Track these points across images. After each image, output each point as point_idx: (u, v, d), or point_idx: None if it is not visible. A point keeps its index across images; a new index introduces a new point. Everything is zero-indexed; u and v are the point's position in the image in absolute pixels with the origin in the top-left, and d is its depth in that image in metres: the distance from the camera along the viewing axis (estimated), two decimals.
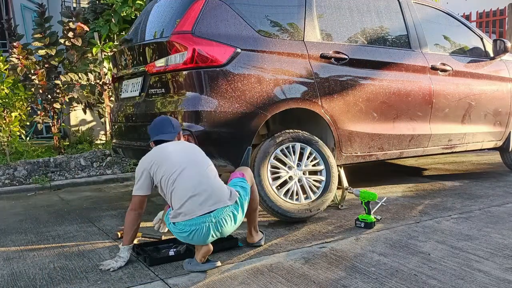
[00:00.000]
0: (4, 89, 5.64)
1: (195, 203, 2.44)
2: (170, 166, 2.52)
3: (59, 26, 6.47)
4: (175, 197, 2.48)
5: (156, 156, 2.61)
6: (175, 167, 2.51)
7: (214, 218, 2.45)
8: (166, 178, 2.51)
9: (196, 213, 2.44)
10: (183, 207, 2.45)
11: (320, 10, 3.68)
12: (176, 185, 2.48)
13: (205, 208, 2.44)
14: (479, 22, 9.69)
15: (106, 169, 5.71)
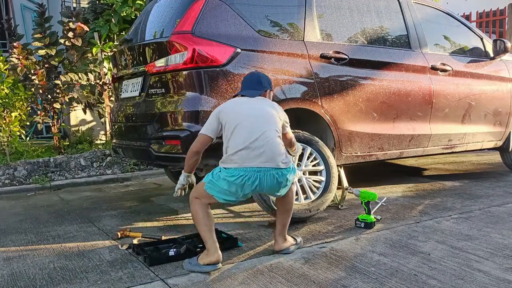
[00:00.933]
0: (4, 89, 5.64)
1: (248, 155, 2.52)
2: (236, 115, 2.61)
3: (59, 26, 6.47)
4: (231, 144, 2.56)
5: (228, 104, 2.71)
6: (240, 118, 2.59)
7: (262, 174, 2.51)
8: (229, 124, 2.59)
9: (246, 164, 2.51)
10: (236, 154, 2.53)
11: (320, 10, 3.68)
12: (235, 133, 2.56)
13: (256, 163, 2.51)
14: (479, 22, 9.69)
15: (106, 169, 5.71)
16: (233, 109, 2.65)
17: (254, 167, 2.51)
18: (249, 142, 2.52)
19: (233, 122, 2.58)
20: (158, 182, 5.33)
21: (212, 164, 3.18)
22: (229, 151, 2.56)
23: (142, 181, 5.43)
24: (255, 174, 2.51)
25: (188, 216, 3.68)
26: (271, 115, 2.64)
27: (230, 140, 2.57)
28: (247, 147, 2.52)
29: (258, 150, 2.52)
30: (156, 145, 3.26)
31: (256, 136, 2.54)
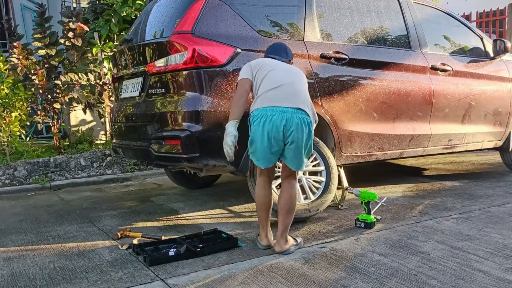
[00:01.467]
0: (4, 89, 5.64)
1: (276, 96, 2.63)
2: (269, 65, 2.75)
3: (59, 26, 6.47)
4: (262, 87, 2.68)
5: (259, 60, 2.84)
6: (274, 67, 2.74)
7: (289, 115, 2.59)
8: (261, 71, 2.72)
9: (272, 103, 2.62)
10: (263, 94, 2.65)
11: (320, 10, 3.68)
12: (268, 77, 2.69)
13: (283, 103, 2.61)
14: (479, 22, 9.69)
15: (106, 169, 5.71)
16: (265, 61, 2.80)
17: (281, 106, 2.60)
18: (279, 85, 2.65)
19: (265, 69, 2.72)
20: (158, 182, 5.33)
21: (212, 164, 3.18)
22: (259, 93, 2.68)
23: (142, 181, 5.43)
24: (282, 114, 2.59)
25: (188, 216, 3.68)
26: (302, 75, 2.82)
27: (261, 84, 2.69)
28: (277, 88, 2.64)
29: (287, 93, 2.65)
30: (156, 145, 3.26)
31: (287, 81, 2.68)
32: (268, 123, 2.58)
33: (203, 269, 2.54)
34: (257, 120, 2.62)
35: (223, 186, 4.82)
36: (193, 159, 3.14)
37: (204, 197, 4.33)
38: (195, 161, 3.16)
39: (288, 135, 2.61)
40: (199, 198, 4.32)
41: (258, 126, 2.61)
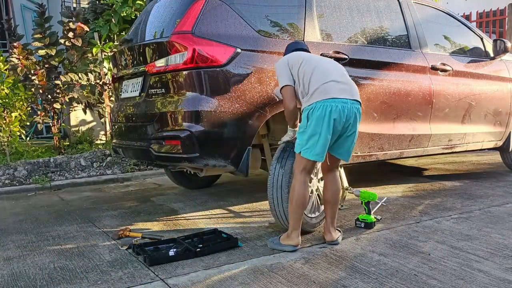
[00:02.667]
0: (4, 89, 5.64)
1: (334, 87, 2.65)
2: (310, 59, 2.76)
3: (59, 26, 6.47)
4: (314, 80, 2.67)
5: (293, 56, 2.83)
6: (317, 59, 2.76)
7: (349, 106, 2.64)
8: (306, 66, 2.71)
9: (333, 95, 2.63)
10: (321, 87, 2.64)
11: (320, 10, 3.68)
12: (318, 70, 2.69)
13: (342, 95, 2.64)
14: (479, 22, 9.69)
15: (106, 169, 5.71)
16: (301, 56, 2.79)
17: (342, 98, 2.64)
18: (335, 77, 2.69)
19: (310, 63, 2.72)
20: (158, 182, 5.33)
21: (212, 164, 3.18)
22: (312, 88, 2.67)
23: (142, 181, 5.43)
24: (342, 105, 2.62)
25: (188, 216, 3.68)
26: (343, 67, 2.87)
27: (311, 78, 2.68)
28: (334, 80, 2.67)
29: (344, 84, 2.69)
30: (156, 145, 3.26)
31: (340, 73, 2.74)
32: (334, 113, 2.60)
33: (203, 269, 2.54)
34: (319, 112, 2.61)
35: (223, 186, 4.82)
36: (193, 159, 3.14)
37: (204, 197, 4.33)
38: (195, 161, 3.15)
39: (347, 126, 2.67)
40: (199, 198, 4.32)
41: (321, 119, 2.61)
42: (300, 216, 2.76)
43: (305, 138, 2.67)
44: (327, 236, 2.88)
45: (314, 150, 2.65)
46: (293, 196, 2.73)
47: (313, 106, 2.65)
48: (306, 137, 2.67)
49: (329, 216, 2.87)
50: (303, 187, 2.73)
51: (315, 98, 2.66)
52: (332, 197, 2.85)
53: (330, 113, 2.60)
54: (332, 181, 2.87)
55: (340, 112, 2.61)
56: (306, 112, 2.70)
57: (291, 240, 2.76)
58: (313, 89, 2.67)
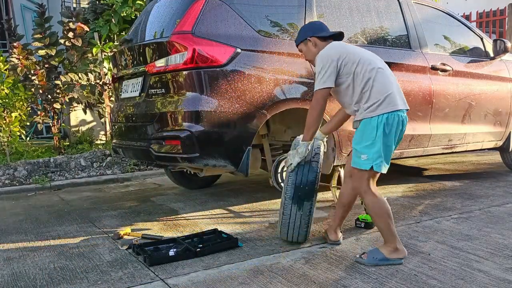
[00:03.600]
0: (4, 89, 5.64)
1: (399, 97, 2.52)
2: (366, 59, 2.55)
3: (59, 26, 6.47)
4: (378, 89, 2.49)
5: (342, 49, 2.58)
6: (372, 62, 2.54)
7: (405, 115, 2.55)
8: (363, 69, 2.51)
9: (399, 106, 2.49)
10: (389, 96, 2.48)
11: (320, 10, 3.68)
12: (380, 76, 2.50)
13: (404, 104, 2.54)
14: (479, 22, 9.69)
15: (106, 169, 5.71)
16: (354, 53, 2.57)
17: (403, 108, 2.53)
18: (396, 84, 2.56)
19: (368, 66, 2.51)
20: (158, 182, 5.33)
21: (212, 164, 3.18)
22: (378, 94, 2.48)
23: (142, 181, 5.42)
24: (403, 115, 2.53)
25: (188, 216, 3.68)
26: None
27: (375, 83, 2.48)
28: (397, 89, 2.54)
29: (401, 93, 2.58)
30: (156, 145, 3.26)
31: (393, 79, 2.58)
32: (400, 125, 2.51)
33: (203, 269, 2.54)
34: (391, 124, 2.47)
35: (223, 186, 4.82)
36: (193, 159, 3.14)
37: (204, 197, 4.33)
38: (195, 161, 3.16)
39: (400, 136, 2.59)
40: (199, 198, 4.32)
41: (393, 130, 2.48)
42: (393, 225, 2.54)
43: (375, 151, 2.47)
44: (332, 235, 2.84)
45: (387, 162, 2.52)
46: (381, 212, 2.52)
47: (381, 117, 2.46)
48: (376, 150, 2.47)
49: (339, 218, 2.83)
50: (381, 198, 2.55)
51: (384, 107, 2.47)
52: (349, 202, 2.80)
53: (397, 124, 2.49)
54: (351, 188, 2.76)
55: (401, 123, 2.52)
56: (374, 123, 2.47)
57: (401, 254, 2.53)
58: (380, 96, 2.47)
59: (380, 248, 2.55)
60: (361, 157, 2.50)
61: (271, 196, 4.19)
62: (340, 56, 2.54)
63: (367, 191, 2.54)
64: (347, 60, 2.53)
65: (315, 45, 2.73)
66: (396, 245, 2.52)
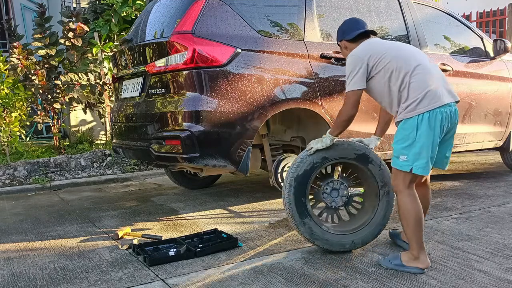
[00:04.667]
0: (4, 89, 5.64)
1: (442, 91, 2.37)
2: (400, 54, 2.40)
3: (59, 26, 6.48)
4: (416, 86, 2.34)
5: (373, 47, 2.47)
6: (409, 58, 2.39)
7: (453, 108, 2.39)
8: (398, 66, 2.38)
9: (443, 101, 2.34)
10: (429, 93, 2.33)
11: (320, 10, 3.68)
12: (416, 74, 2.36)
13: (450, 98, 2.38)
14: (479, 22, 9.69)
15: (106, 169, 5.71)
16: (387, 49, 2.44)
17: (449, 102, 2.37)
18: (438, 77, 2.40)
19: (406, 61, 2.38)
20: (158, 182, 5.33)
21: (212, 164, 3.18)
22: (416, 92, 2.35)
23: (143, 181, 5.43)
24: (449, 110, 2.37)
25: (188, 216, 3.68)
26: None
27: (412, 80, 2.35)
28: (440, 82, 2.39)
29: (447, 85, 2.43)
30: (156, 145, 3.26)
31: (435, 71, 2.43)
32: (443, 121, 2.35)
33: (203, 269, 2.54)
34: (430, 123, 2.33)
35: (223, 186, 4.82)
36: (193, 159, 3.14)
37: (204, 197, 4.33)
38: (195, 161, 3.16)
39: (448, 130, 2.43)
40: (199, 198, 4.32)
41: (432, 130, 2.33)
42: (422, 232, 2.41)
43: (415, 152, 2.35)
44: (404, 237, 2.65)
45: (427, 165, 2.38)
46: (409, 215, 2.39)
47: (421, 116, 2.34)
48: (416, 151, 2.35)
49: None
50: (417, 201, 2.41)
51: (423, 106, 2.34)
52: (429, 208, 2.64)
53: (441, 121, 2.34)
54: (425, 195, 2.60)
55: (448, 118, 2.36)
56: (414, 122, 2.35)
57: (421, 263, 2.40)
58: (418, 94, 2.35)
59: (402, 253, 2.48)
60: (400, 158, 2.39)
61: (271, 196, 4.20)
62: (371, 55, 2.44)
63: (402, 191, 2.42)
64: (379, 57, 2.42)
65: (345, 47, 2.68)
66: (417, 253, 2.40)
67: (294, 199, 2.63)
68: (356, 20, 2.71)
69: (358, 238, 2.69)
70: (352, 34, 2.63)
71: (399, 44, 2.57)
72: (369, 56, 2.44)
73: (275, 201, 4.03)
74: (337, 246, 2.68)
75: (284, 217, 3.53)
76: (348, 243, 2.69)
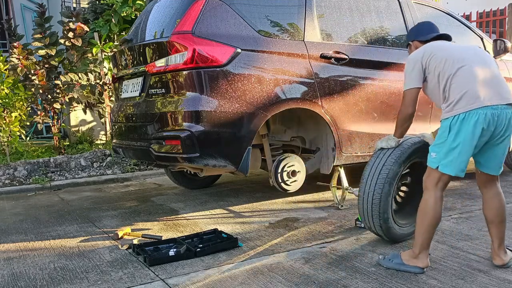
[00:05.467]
0: (4, 89, 5.64)
1: (484, 92, 2.27)
2: (450, 56, 2.39)
3: (59, 26, 6.48)
4: (455, 86, 2.32)
5: (429, 48, 2.50)
6: (457, 59, 2.37)
7: (499, 111, 2.26)
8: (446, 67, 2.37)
9: (483, 103, 2.25)
10: (467, 93, 2.28)
11: (320, 10, 3.68)
12: (459, 75, 2.32)
13: (494, 100, 2.27)
14: (479, 22, 9.68)
15: (106, 169, 5.71)
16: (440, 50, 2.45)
17: (491, 105, 2.26)
18: (483, 78, 2.32)
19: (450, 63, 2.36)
20: (158, 182, 5.33)
21: (212, 164, 3.18)
22: (455, 92, 2.31)
23: (143, 181, 5.43)
24: (492, 112, 2.26)
25: (188, 216, 3.68)
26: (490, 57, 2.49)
27: (453, 80, 2.33)
28: (482, 83, 2.30)
29: (493, 87, 2.31)
30: (156, 145, 3.26)
31: (490, 71, 2.36)
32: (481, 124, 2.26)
33: (203, 269, 2.54)
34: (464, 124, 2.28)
35: (223, 186, 4.82)
36: (193, 159, 3.14)
37: (204, 197, 4.33)
38: (195, 161, 3.16)
39: (496, 134, 2.32)
40: (199, 198, 4.32)
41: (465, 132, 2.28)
42: (432, 235, 2.42)
43: (444, 152, 2.35)
44: (495, 260, 2.46)
45: (454, 165, 2.37)
46: (426, 213, 2.39)
47: (457, 117, 2.30)
48: (445, 150, 2.34)
49: (495, 237, 2.44)
50: (439, 203, 2.42)
51: (460, 107, 2.30)
52: (496, 216, 2.44)
53: (476, 123, 2.25)
54: (493, 197, 2.50)
55: (490, 121, 2.26)
56: (447, 123, 2.33)
57: (420, 262, 2.40)
58: (455, 96, 2.32)
59: (402, 252, 2.50)
60: (431, 154, 2.42)
61: (271, 196, 4.20)
62: (424, 55, 2.47)
63: (430, 189, 2.43)
64: (433, 58, 2.44)
65: (416, 48, 2.71)
66: (418, 251, 2.41)
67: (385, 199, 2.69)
68: (433, 24, 2.81)
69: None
70: (428, 36, 2.70)
71: (453, 46, 2.55)
72: (422, 57, 2.49)
73: (275, 201, 4.03)
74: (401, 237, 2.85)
75: (284, 217, 3.53)
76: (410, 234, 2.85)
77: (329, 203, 3.89)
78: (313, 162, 3.82)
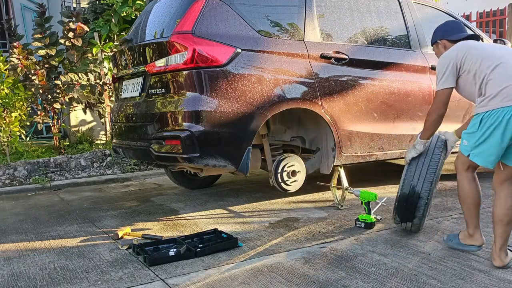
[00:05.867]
0: (4, 89, 5.64)
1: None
2: (485, 55, 2.39)
3: (59, 26, 6.48)
4: (492, 83, 2.31)
5: (463, 48, 2.49)
6: (493, 57, 2.36)
7: None
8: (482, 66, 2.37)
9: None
10: (503, 90, 2.27)
11: (320, 10, 3.68)
12: (497, 69, 2.32)
13: None
14: (479, 22, 9.68)
15: (106, 169, 5.71)
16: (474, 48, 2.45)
17: None
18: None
19: (489, 61, 2.35)
20: (158, 182, 5.33)
21: (212, 164, 3.18)
22: (491, 89, 2.31)
23: (143, 181, 5.42)
24: None
25: (188, 216, 3.68)
26: None
27: (490, 77, 2.32)
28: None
29: None
30: (156, 145, 3.26)
31: None
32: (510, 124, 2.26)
33: (203, 269, 2.54)
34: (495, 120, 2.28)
35: (223, 186, 4.82)
36: (193, 159, 3.14)
37: (204, 197, 4.33)
38: (195, 161, 3.16)
39: None
40: (199, 198, 4.32)
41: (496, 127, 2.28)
42: (478, 214, 2.53)
43: (474, 141, 2.38)
44: (495, 261, 2.43)
45: (483, 157, 2.36)
46: (466, 196, 2.52)
47: (489, 113, 2.31)
48: (475, 141, 2.37)
49: (500, 237, 2.41)
50: (473, 184, 2.51)
51: (494, 103, 2.30)
52: (506, 215, 2.39)
53: (509, 121, 2.25)
54: (508, 197, 2.41)
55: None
56: (479, 117, 2.37)
57: (475, 241, 2.58)
58: (491, 92, 2.32)
59: (460, 232, 2.68)
60: (464, 142, 2.48)
61: (271, 196, 4.20)
62: (458, 55, 2.48)
63: (461, 173, 2.55)
64: (467, 58, 2.44)
65: (444, 47, 2.72)
66: (472, 231, 2.57)
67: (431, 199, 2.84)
68: (460, 23, 2.81)
69: None
70: (458, 36, 2.70)
71: (485, 45, 2.57)
72: (456, 56, 2.49)
73: (275, 201, 4.03)
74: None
75: (284, 217, 3.53)
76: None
77: (329, 203, 3.89)
78: (313, 162, 3.83)
